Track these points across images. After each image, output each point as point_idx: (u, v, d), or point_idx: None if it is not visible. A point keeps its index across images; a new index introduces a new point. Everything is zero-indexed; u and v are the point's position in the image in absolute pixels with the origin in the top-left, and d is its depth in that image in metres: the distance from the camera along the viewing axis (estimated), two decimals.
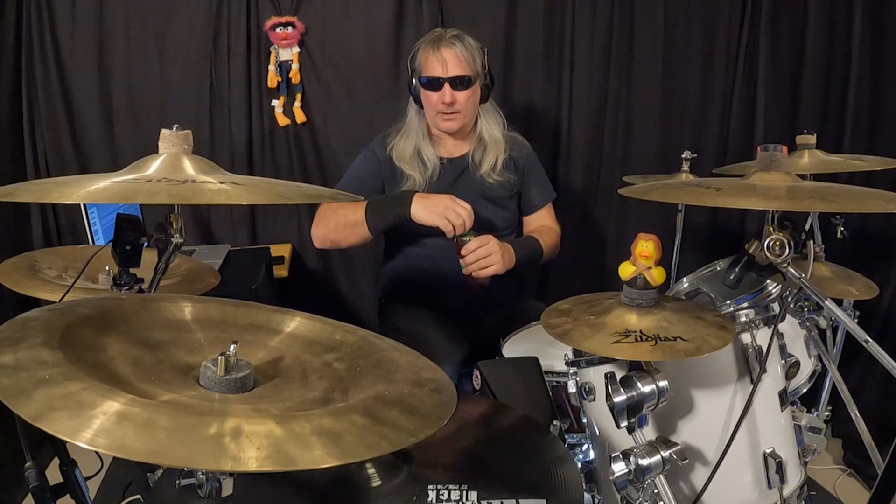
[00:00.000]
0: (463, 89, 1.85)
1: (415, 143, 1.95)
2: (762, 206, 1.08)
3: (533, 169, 2.07)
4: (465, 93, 1.86)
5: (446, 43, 1.85)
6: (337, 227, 1.86)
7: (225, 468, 0.56)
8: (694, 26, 2.62)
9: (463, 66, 1.83)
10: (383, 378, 0.80)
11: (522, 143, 2.08)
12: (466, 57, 1.84)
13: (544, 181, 2.11)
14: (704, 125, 2.70)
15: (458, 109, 1.87)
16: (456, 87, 1.84)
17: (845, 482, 2.29)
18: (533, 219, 2.08)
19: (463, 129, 1.96)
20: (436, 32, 1.92)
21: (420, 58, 1.89)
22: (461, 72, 1.83)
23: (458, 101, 1.85)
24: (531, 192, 2.06)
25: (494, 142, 1.96)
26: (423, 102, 1.91)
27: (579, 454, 1.39)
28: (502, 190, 1.99)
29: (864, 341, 1.14)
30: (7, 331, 0.70)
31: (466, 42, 1.86)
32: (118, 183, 0.92)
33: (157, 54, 2.52)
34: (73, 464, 0.82)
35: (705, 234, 2.73)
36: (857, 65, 2.49)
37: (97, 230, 2.05)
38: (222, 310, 0.92)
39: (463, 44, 1.85)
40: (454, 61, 1.83)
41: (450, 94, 1.84)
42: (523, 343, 1.71)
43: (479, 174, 1.96)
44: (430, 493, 0.93)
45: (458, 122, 1.90)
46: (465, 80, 1.84)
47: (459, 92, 1.85)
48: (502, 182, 1.97)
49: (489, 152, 1.96)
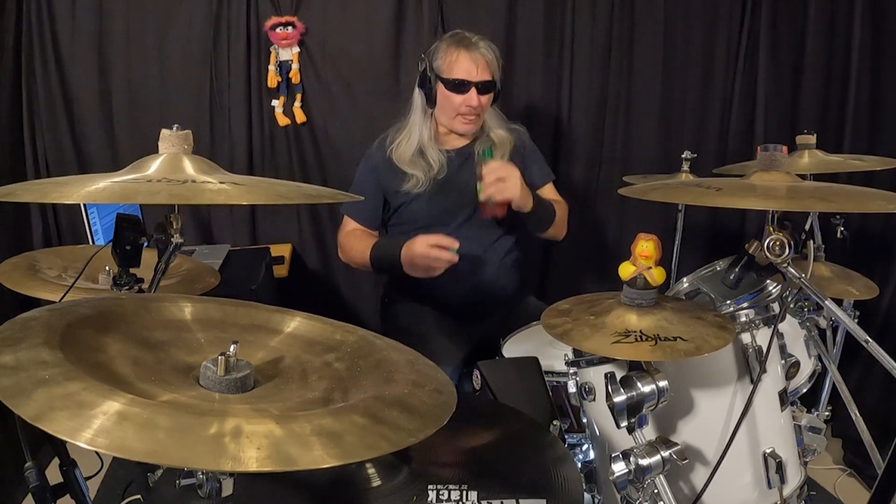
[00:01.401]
0: (487, 94, 1.89)
1: (418, 142, 1.95)
2: (762, 206, 1.08)
3: (531, 150, 2.10)
4: (488, 97, 1.90)
5: (476, 47, 1.87)
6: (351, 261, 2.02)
7: (225, 468, 0.56)
8: (694, 26, 2.62)
9: (491, 71, 1.87)
10: (383, 378, 0.79)
11: (521, 130, 2.09)
12: (493, 63, 1.88)
13: (542, 162, 2.13)
14: (704, 125, 2.70)
15: (479, 113, 1.91)
16: (482, 91, 1.87)
17: (845, 482, 2.29)
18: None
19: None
20: (459, 34, 1.92)
21: (444, 58, 1.88)
22: (489, 77, 1.87)
23: (482, 105, 1.89)
24: (532, 169, 2.06)
25: (500, 141, 1.98)
26: (442, 103, 1.91)
27: (579, 454, 1.39)
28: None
29: (864, 341, 1.14)
30: (7, 331, 0.70)
31: (492, 48, 1.90)
32: (118, 183, 0.92)
33: (157, 54, 2.52)
34: (73, 464, 0.82)
35: (705, 234, 2.73)
36: (857, 65, 2.50)
37: (97, 230, 2.05)
38: (222, 310, 0.92)
39: (491, 49, 1.89)
40: (484, 66, 1.86)
41: (476, 98, 1.86)
42: (523, 343, 1.71)
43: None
44: (430, 493, 0.93)
45: (476, 125, 1.94)
46: (491, 86, 1.89)
47: (484, 96, 1.88)
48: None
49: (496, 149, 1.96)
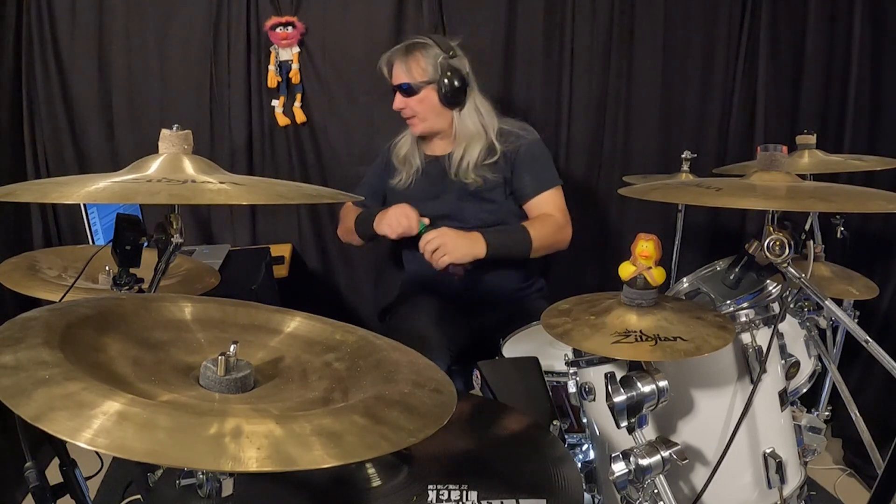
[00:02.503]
0: (411, 96, 1.98)
1: (410, 141, 2.10)
2: (762, 206, 1.08)
3: (526, 159, 2.03)
4: (414, 99, 1.98)
5: (401, 52, 1.99)
6: (345, 231, 2.20)
7: (225, 468, 0.56)
8: (694, 26, 2.62)
9: (409, 74, 1.97)
10: (383, 378, 0.79)
11: (518, 134, 2.05)
12: (413, 66, 1.97)
13: (540, 170, 2.05)
14: (704, 125, 2.70)
15: (411, 114, 2.02)
16: (404, 94, 1.99)
17: (845, 482, 2.29)
18: (530, 207, 2.04)
19: (438, 132, 2.05)
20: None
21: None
22: (405, 80, 1.98)
23: (408, 107, 2.00)
24: (523, 180, 2.03)
25: (469, 142, 2.00)
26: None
27: (579, 454, 1.39)
28: (484, 185, 2.01)
29: (864, 341, 1.14)
30: (7, 331, 0.70)
31: (416, 52, 1.97)
32: (118, 183, 0.92)
33: (157, 54, 2.52)
34: (73, 464, 0.82)
35: (705, 234, 2.73)
36: (857, 65, 2.49)
37: (97, 230, 2.05)
38: (222, 310, 0.92)
39: (410, 55, 1.98)
40: (398, 71, 1.99)
41: (400, 101, 2.01)
42: (523, 343, 1.71)
43: (456, 172, 2.01)
44: (430, 493, 0.93)
45: (418, 126, 2.04)
46: (409, 88, 1.98)
47: (410, 98, 1.99)
48: (479, 180, 2.00)
49: (465, 153, 2.01)
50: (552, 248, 2.03)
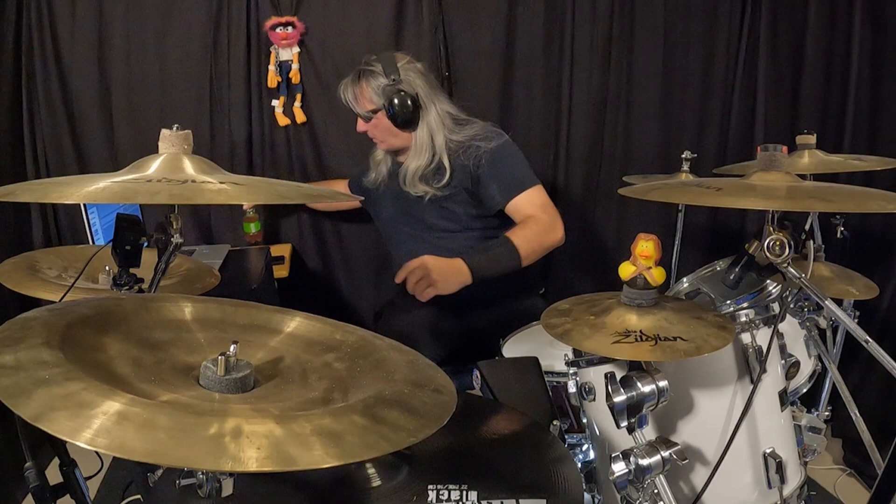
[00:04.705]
0: (368, 121, 2.05)
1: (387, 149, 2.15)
2: (762, 206, 1.08)
3: (488, 168, 1.97)
4: (370, 124, 2.05)
5: (348, 83, 2.05)
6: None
7: (225, 468, 0.56)
8: (694, 26, 2.62)
9: (359, 103, 2.03)
10: (383, 378, 0.79)
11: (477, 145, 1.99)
12: (359, 96, 2.03)
13: (507, 175, 1.98)
14: (704, 125, 2.70)
15: (372, 136, 2.09)
16: (363, 119, 2.07)
17: (845, 482, 2.29)
18: (511, 213, 1.98)
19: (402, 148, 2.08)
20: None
21: None
22: (358, 108, 2.05)
23: (368, 130, 2.08)
24: (489, 190, 1.97)
25: (416, 155, 2.03)
26: None
27: (579, 454, 1.39)
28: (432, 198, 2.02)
29: (864, 341, 1.14)
30: (7, 331, 0.70)
31: (361, 82, 2.02)
32: (118, 183, 0.92)
33: (156, 54, 2.52)
34: (73, 464, 0.82)
35: (705, 234, 2.73)
36: (857, 65, 2.49)
37: (97, 230, 2.06)
38: (222, 310, 0.92)
39: (357, 84, 2.03)
40: (352, 99, 2.05)
41: (360, 125, 2.09)
42: (523, 343, 1.71)
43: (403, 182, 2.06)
44: (430, 493, 0.93)
45: (382, 146, 2.12)
46: (365, 115, 2.04)
47: (367, 123, 2.06)
48: (424, 193, 2.02)
49: (409, 167, 2.04)
50: (546, 250, 1.93)
